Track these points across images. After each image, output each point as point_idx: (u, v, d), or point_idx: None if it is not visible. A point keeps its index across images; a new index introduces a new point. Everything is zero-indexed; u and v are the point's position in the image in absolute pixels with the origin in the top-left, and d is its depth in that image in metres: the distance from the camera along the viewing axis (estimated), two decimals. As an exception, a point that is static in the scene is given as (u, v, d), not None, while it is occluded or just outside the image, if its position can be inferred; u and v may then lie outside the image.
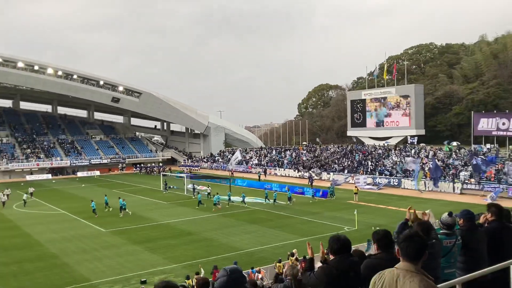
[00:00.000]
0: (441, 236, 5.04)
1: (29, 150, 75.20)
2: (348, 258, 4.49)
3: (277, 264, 19.08)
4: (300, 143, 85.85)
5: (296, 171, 61.45)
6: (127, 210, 35.79)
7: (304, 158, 66.55)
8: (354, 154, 62.07)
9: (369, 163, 55.49)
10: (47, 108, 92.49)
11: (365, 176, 51.18)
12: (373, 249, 4.78)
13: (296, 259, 19.23)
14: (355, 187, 43.25)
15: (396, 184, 47.31)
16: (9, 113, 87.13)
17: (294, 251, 20.44)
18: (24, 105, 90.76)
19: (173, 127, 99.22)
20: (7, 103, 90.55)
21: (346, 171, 55.47)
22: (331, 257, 4.57)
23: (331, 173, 56.27)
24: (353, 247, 5.00)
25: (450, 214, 5.28)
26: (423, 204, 32.65)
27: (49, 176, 71.49)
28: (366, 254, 5.30)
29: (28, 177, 68.73)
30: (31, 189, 49.21)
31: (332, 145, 74.27)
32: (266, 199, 40.36)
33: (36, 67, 70.42)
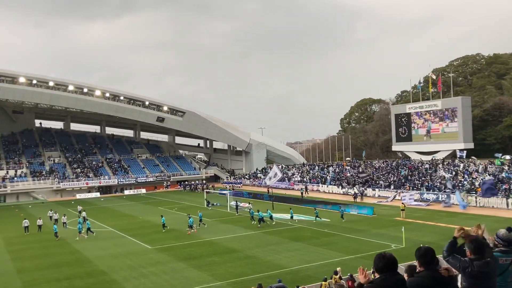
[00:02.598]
0: (497, 253, 4.79)
1: (79, 169, 78.19)
2: (394, 276, 4.35)
3: (323, 283, 18.72)
4: (343, 158, 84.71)
5: (340, 187, 60.52)
6: (197, 226, 37.54)
7: (348, 174, 65.50)
8: (400, 169, 60.52)
9: (416, 179, 53.90)
10: (95, 128, 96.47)
11: (412, 192, 49.71)
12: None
13: (340, 278, 18.83)
14: (402, 203, 42.06)
15: (445, 199, 45.65)
16: (61, 134, 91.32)
17: (338, 269, 20.00)
18: (74, 126, 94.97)
19: (216, 144, 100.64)
20: (58, 124, 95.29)
21: (392, 187, 54.09)
22: (377, 275, 4.45)
23: (377, 189, 55.07)
24: (401, 265, 4.84)
25: (509, 229, 5.03)
26: (474, 220, 31.25)
27: (98, 194, 73.93)
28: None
29: (78, 196, 71.39)
30: (79, 208, 50.15)
31: (377, 161, 72.80)
32: (317, 217, 39.32)
33: (85, 90, 73.64)
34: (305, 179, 69.66)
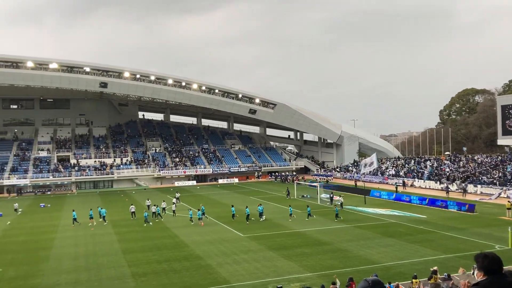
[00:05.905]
0: None
1: (177, 158, 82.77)
2: (504, 279, 4.02)
3: (414, 280, 18.02)
4: (442, 152, 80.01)
5: (438, 183, 57.34)
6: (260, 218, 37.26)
7: (447, 169, 61.79)
8: (505, 165, 55.77)
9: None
10: (192, 120, 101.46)
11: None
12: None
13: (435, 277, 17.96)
14: (508, 201, 38.79)
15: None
16: (161, 125, 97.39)
17: (435, 268, 19.08)
18: (174, 118, 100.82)
19: (306, 136, 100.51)
20: (159, 116, 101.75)
21: (497, 184, 50.10)
22: (479, 276, 4.19)
23: (479, 186, 51.38)
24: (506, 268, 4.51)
25: None
26: None
27: (194, 182, 77.72)
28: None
29: (176, 183, 75.68)
30: (177, 194, 53.77)
31: (479, 155, 67.74)
32: (309, 215, 38.05)
33: (183, 83, 77.49)
34: (400, 174, 67.01)
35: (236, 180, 79.64)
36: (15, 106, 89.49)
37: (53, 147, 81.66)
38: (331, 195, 48.14)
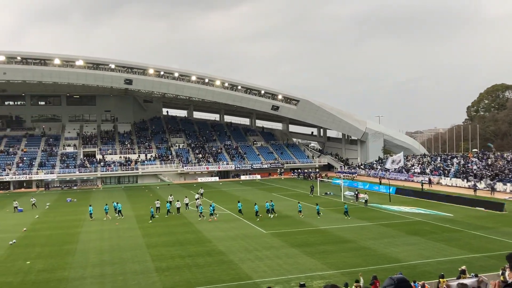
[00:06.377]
0: None
1: (200, 155, 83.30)
2: None
3: (441, 280, 17.61)
4: (470, 150, 78.19)
5: (465, 180, 56.06)
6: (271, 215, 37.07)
7: (475, 167, 60.35)
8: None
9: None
10: (215, 117, 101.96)
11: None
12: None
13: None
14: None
15: None
16: (184, 122, 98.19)
17: (463, 267, 18.61)
18: (197, 115, 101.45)
19: (330, 133, 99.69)
20: (183, 113, 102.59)
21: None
22: (511, 276, 4.02)
23: (508, 184, 50.01)
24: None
25: None
26: None
27: (217, 178, 78.09)
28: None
29: (199, 179, 76.17)
30: (201, 190, 54.32)
31: (510, 152, 65.92)
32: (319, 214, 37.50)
33: (206, 80, 77.82)
34: (426, 171, 65.82)
35: (258, 176, 79.67)
36: (43, 103, 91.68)
37: (79, 143, 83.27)
38: (356, 193, 47.79)
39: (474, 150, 75.51)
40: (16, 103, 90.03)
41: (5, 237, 32.37)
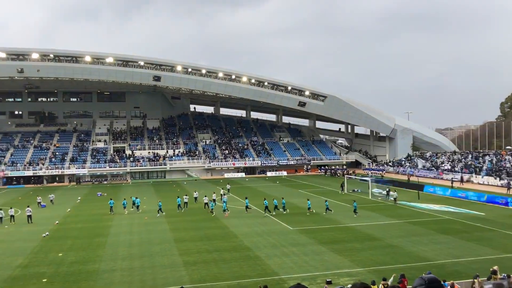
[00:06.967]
0: None
1: (226, 151, 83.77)
2: None
3: (475, 280, 17.23)
4: (503, 147, 75.98)
5: (498, 179, 54.56)
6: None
7: (508, 165, 58.63)
8: None
9: None
10: (241, 113, 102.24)
11: None
12: None
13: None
14: None
15: None
16: (211, 118, 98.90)
17: (495, 268, 18.16)
18: (223, 111, 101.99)
19: (358, 129, 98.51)
20: (209, 109, 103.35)
21: None
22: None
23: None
24: None
25: None
26: None
27: (243, 174, 78.38)
28: None
29: (226, 175, 76.63)
30: (228, 186, 54.65)
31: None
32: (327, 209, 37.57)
33: (233, 76, 78.07)
34: (456, 169, 64.37)
35: (284, 173, 79.55)
36: (74, 99, 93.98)
37: (110, 139, 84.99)
38: (387, 190, 47.24)
39: (507, 147, 73.30)
40: (48, 99, 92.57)
41: (39, 229, 33.42)
